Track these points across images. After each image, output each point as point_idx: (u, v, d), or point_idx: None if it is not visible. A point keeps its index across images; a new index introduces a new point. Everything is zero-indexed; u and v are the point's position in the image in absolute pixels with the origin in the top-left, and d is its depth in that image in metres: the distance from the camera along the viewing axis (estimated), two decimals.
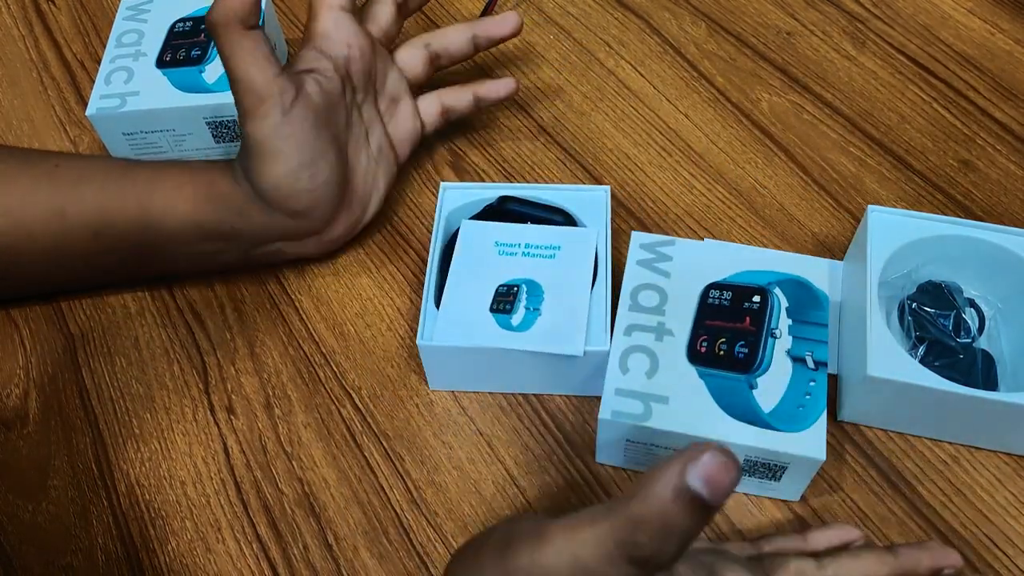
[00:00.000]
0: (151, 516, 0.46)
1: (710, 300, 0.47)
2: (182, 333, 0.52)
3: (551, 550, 0.28)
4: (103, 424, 0.49)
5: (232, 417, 0.49)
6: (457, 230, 0.51)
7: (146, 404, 0.50)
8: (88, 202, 0.48)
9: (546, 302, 0.46)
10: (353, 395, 0.50)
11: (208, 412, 0.49)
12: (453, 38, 0.55)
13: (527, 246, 0.49)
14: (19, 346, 0.52)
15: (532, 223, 0.51)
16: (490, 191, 0.52)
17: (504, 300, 0.47)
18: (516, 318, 0.46)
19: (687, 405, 0.43)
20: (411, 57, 0.55)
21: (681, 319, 0.46)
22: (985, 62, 0.62)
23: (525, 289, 0.47)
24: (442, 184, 0.52)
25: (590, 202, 0.51)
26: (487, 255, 0.49)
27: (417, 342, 0.46)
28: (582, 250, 0.48)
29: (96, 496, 0.47)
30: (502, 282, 0.48)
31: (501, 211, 0.52)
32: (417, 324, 0.52)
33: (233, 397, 0.50)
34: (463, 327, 0.46)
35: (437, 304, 0.47)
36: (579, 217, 0.51)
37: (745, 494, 0.45)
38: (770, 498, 0.45)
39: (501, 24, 0.55)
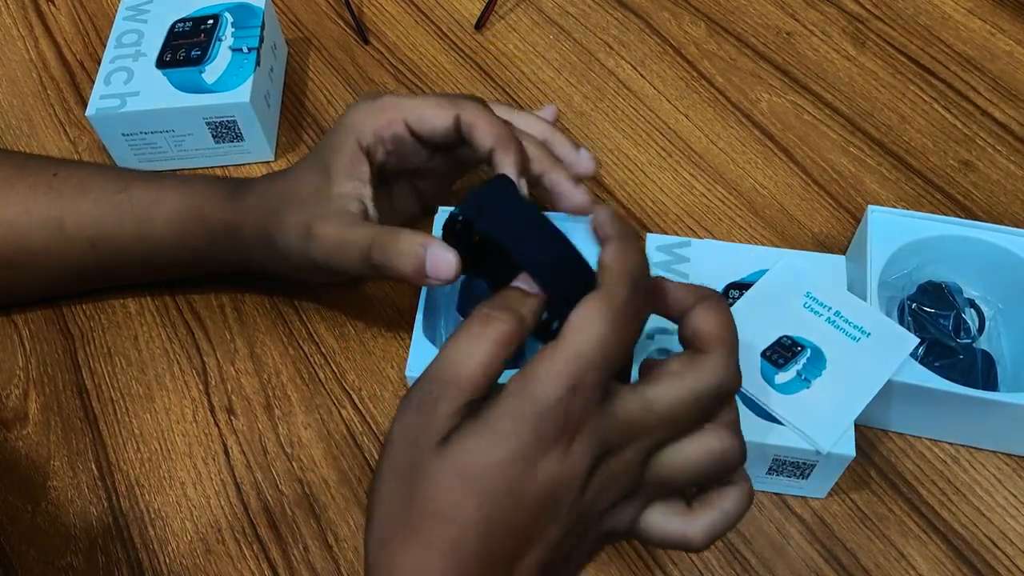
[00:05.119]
0: (151, 517, 0.46)
1: (730, 301, 0.46)
2: (182, 333, 0.52)
3: None
4: (103, 424, 0.49)
5: (232, 418, 0.49)
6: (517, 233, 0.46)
7: (146, 405, 0.50)
8: (86, 215, 0.48)
9: (821, 380, 0.43)
10: (353, 396, 0.50)
11: (208, 413, 0.49)
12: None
13: (837, 314, 0.44)
14: (19, 346, 0.52)
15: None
16: None
17: (782, 353, 0.44)
18: (782, 376, 0.43)
19: None
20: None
21: None
22: (985, 63, 0.62)
23: (808, 354, 0.43)
24: (440, 208, 0.47)
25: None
26: (791, 299, 0.45)
27: (406, 373, 0.43)
28: (892, 352, 0.43)
29: (96, 496, 0.47)
30: (790, 334, 0.44)
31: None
32: None
33: (233, 398, 0.50)
34: None
35: (425, 334, 0.44)
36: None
37: (772, 493, 0.45)
38: (772, 498, 0.45)
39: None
